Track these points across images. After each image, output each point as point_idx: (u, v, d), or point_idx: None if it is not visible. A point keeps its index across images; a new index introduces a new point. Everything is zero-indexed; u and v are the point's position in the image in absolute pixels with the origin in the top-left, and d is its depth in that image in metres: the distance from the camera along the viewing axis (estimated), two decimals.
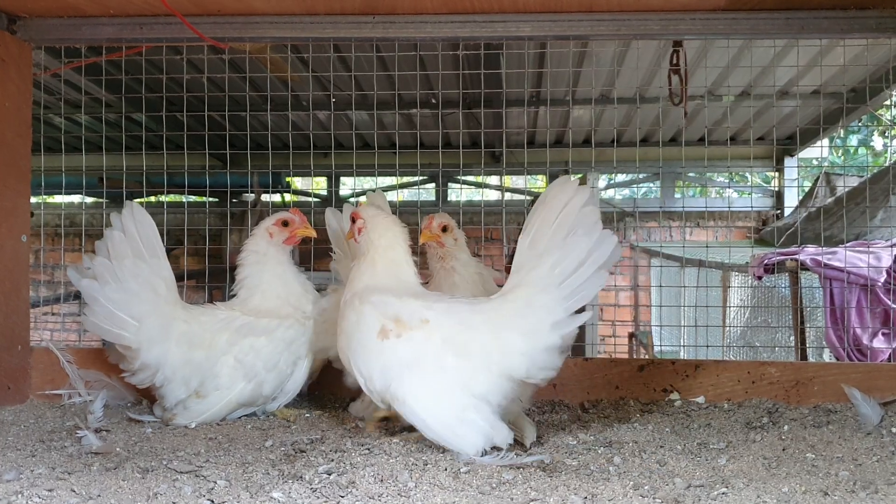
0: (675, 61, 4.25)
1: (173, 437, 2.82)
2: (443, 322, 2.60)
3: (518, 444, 2.64)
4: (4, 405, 3.34)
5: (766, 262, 6.06)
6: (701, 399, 3.38)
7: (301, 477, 2.17)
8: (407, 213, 3.68)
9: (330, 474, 2.19)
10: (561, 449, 2.62)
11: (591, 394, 3.46)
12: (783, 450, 2.58)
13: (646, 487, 2.12)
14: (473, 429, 2.47)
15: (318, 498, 2.00)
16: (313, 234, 3.38)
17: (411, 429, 2.63)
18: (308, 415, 3.29)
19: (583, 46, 6.74)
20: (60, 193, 9.26)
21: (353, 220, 2.91)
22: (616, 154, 9.21)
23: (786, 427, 2.91)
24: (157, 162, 6.36)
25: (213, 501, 1.98)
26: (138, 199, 9.73)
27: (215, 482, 2.16)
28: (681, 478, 2.24)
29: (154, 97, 4.89)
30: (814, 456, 2.50)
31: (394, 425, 2.84)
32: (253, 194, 9.90)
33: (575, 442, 2.73)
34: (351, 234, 2.92)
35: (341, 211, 3.45)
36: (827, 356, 6.02)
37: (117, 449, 2.58)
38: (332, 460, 2.36)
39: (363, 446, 2.48)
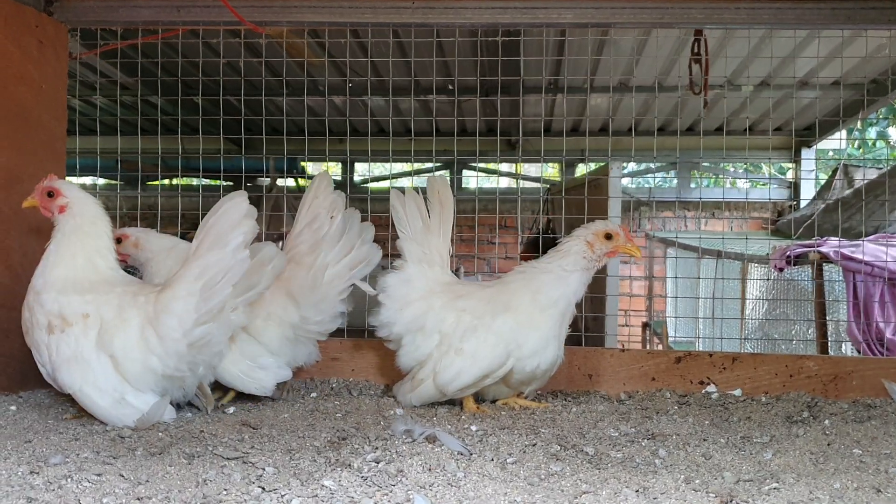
0: (695, 50, 4.22)
1: (215, 423, 2.81)
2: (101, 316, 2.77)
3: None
4: (40, 388, 3.34)
5: (788, 253, 6.03)
6: (738, 392, 3.37)
7: (349, 465, 2.16)
8: None
9: (378, 462, 2.18)
10: (604, 441, 2.61)
11: (626, 385, 3.45)
12: (828, 445, 2.56)
13: (696, 481, 2.10)
14: (128, 410, 2.71)
15: (370, 486, 1.98)
16: (638, 254, 3.15)
17: None
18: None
19: (603, 34, 6.68)
20: (74, 175, 9.26)
21: (51, 195, 2.87)
22: (633, 143, 9.15)
23: (827, 422, 2.89)
24: (172, 145, 6.34)
25: (263, 489, 1.96)
26: (153, 182, 9.70)
27: (263, 469, 2.15)
28: (729, 472, 2.22)
29: (171, 80, 4.85)
30: (860, 451, 2.48)
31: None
32: (268, 179, 9.88)
33: (616, 434, 2.72)
34: (45, 209, 2.87)
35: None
36: (847, 349, 5.99)
37: (159, 434, 2.58)
38: (378, 448, 2.35)
39: (405, 434, 2.48)
